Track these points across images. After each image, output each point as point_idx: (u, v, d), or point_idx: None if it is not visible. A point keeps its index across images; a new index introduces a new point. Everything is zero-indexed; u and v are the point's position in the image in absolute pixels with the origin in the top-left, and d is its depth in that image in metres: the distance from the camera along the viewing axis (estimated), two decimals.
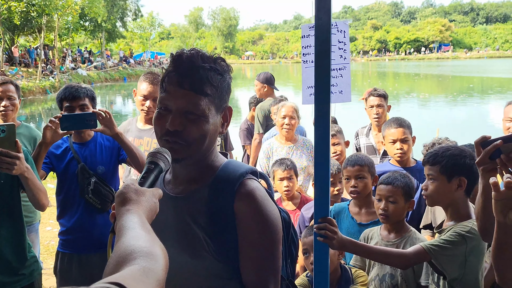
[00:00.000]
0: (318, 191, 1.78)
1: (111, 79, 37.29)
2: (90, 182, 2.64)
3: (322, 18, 1.61)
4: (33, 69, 29.66)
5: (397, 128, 3.09)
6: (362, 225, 2.59)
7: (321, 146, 1.74)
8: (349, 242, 1.88)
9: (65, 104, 2.65)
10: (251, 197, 1.28)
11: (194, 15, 77.74)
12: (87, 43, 54.27)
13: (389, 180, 2.34)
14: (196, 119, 1.25)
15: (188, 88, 1.25)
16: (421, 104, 21.93)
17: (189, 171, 1.34)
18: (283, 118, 3.84)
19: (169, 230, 1.31)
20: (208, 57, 1.31)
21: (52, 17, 29.52)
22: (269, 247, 1.29)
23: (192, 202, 1.31)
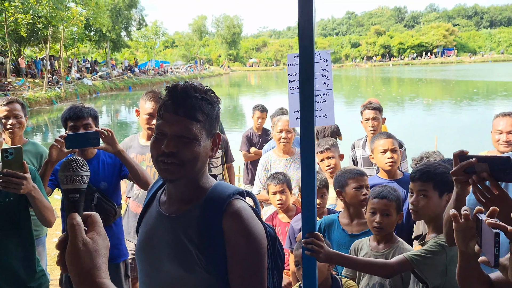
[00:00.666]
0: (305, 207, 1.91)
1: (116, 89, 37.61)
2: (93, 198, 2.77)
3: (306, 48, 1.74)
4: (39, 79, 29.99)
5: (387, 139, 3.23)
6: (353, 236, 2.67)
7: (307, 165, 1.87)
8: (335, 254, 1.99)
9: (69, 123, 2.78)
10: (237, 216, 1.41)
11: (198, 23, 78.20)
12: (92, 53, 54.80)
13: (383, 194, 2.43)
14: (189, 142, 1.40)
15: (182, 114, 1.40)
16: (425, 109, 22.00)
17: (181, 192, 1.48)
18: (280, 132, 3.94)
19: (164, 246, 1.45)
20: (199, 89, 1.46)
21: (57, 28, 29.85)
22: (254, 261, 1.42)
23: (185, 221, 1.44)
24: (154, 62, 55.50)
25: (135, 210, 3.30)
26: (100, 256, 0.99)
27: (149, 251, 1.50)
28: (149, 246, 1.50)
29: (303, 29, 1.74)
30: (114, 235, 2.90)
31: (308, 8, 1.73)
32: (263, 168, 4.03)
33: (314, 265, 1.94)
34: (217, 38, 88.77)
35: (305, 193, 1.89)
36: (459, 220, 1.34)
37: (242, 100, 30.63)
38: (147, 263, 1.52)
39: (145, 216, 1.59)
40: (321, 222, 2.83)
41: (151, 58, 56.98)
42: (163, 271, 1.45)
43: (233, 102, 29.88)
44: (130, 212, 3.37)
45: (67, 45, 35.44)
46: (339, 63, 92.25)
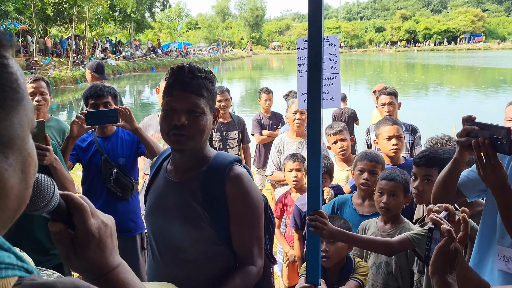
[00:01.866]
0: (311, 186, 1.99)
1: (139, 69, 37.98)
2: (112, 172, 2.91)
3: (314, 34, 1.80)
4: (64, 59, 30.53)
5: (392, 125, 3.27)
6: (364, 216, 2.75)
7: (313, 147, 1.94)
8: (338, 232, 2.08)
9: (90, 101, 2.92)
10: (239, 179, 1.61)
11: (221, 5, 77.88)
12: (116, 34, 55.22)
13: (391, 176, 2.51)
14: (198, 116, 1.57)
15: (190, 91, 1.57)
16: (448, 96, 21.62)
17: (187, 160, 1.66)
18: (294, 113, 4.00)
19: (173, 208, 1.64)
20: (201, 69, 1.64)
21: (83, 8, 30.20)
22: (253, 219, 1.64)
23: (191, 185, 1.63)
24: (177, 43, 55.67)
25: None
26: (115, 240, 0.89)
27: (159, 214, 1.67)
28: (159, 209, 1.68)
29: (312, 15, 1.80)
30: (131, 209, 3.04)
31: None
32: (276, 150, 4.11)
33: (318, 241, 2.03)
34: (240, 20, 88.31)
35: (311, 173, 1.97)
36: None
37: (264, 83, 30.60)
38: (157, 225, 1.69)
39: (153, 185, 1.76)
40: (335, 200, 2.92)
41: (174, 39, 57.12)
42: (172, 230, 1.62)
43: (255, 85, 29.86)
44: None
45: (92, 25, 35.81)
46: (363, 48, 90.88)
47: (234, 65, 55.61)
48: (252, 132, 5.62)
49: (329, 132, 3.61)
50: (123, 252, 3.18)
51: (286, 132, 4.23)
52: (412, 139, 4.05)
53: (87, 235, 0.81)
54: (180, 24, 58.98)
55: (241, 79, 35.27)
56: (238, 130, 4.87)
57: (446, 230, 1.24)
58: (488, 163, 1.56)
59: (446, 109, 16.42)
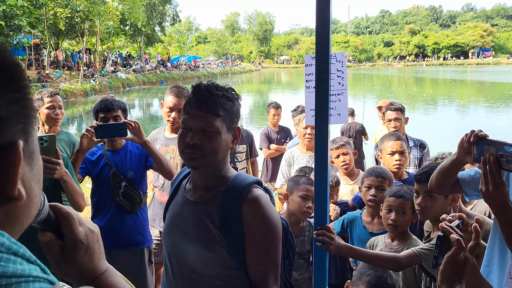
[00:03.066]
0: (318, 201, 2.00)
1: (149, 82, 38.32)
2: (121, 186, 2.93)
3: (322, 51, 1.83)
4: (75, 72, 30.93)
5: (396, 141, 3.27)
6: (374, 234, 2.74)
7: (320, 161, 1.96)
8: (345, 246, 2.08)
9: (100, 115, 2.95)
10: (256, 202, 1.56)
11: (231, 19, 78.69)
12: (126, 47, 55.87)
13: (400, 193, 2.50)
14: (211, 135, 1.54)
15: (205, 110, 1.55)
16: (456, 111, 21.53)
17: (205, 180, 1.64)
18: (305, 128, 4.03)
19: (189, 228, 1.61)
20: (221, 87, 1.61)
21: (94, 22, 30.65)
22: (269, 242, 1.57)
23: (208, 206, 1.60)
24: (186, 57, 56.16)
25: (161, 198, 3.46)
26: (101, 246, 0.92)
27: (175, 233, 1.66)
28: (175, 228, 1.66)
29: (320, 33, 1.83)
30: (139, 222, 3.06)
31: (325, 13, 1.82)
32: (286, 163, 4.13)
33: (325, 256, 2.04)
34: (249, 34, 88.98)
35: (318, 188, 1.99)
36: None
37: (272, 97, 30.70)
38: (172, 243, 1.67)
39: (172, 203, 1.74)
40: (345, 218, 2.92)
41: (183, 53, 57.68)
42: (187, 250, 1.60)
43: (263, 98, 29.98)
44: (156, 200, 3.53)
45: (102, 38, 36.28)
46: (371, 62, 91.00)
47: (242, 79, 55.90)
48: (260, 146, 5.65)
49: (332, 146, 3.63)
50: (131, 265, 3.19)
51: (297, 145, 4.24)
52: (421, 154, 4.04)
53: (75, 242, 0.84)
54: (190, 38, 59.51)
55: (249, 92, 35.42)
56: (246, 144, 4.89)
57: (455, 239, 1.24)
58: (492, 179, 1.56)
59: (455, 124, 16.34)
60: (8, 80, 0.57)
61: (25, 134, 0.60)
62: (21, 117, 0.58)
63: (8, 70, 0.57)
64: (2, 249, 0.54)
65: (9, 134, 0.56)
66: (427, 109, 22.21)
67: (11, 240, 0.56)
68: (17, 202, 0.60)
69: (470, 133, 1.78)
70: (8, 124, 0.56)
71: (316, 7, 1.82)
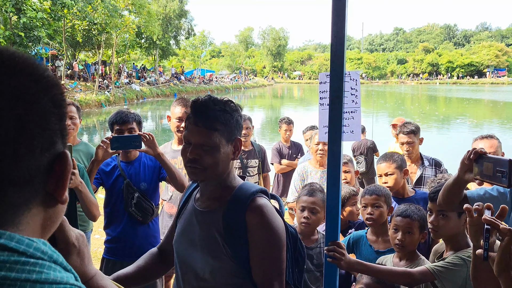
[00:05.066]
0: (329, 217, 2.01)
1: (162, 95, 38.70)
2: (133, 197, 2.97)
3: (337, 69, 1.86)
4: (90, 83, 31.36)
5: (381, 163, 3.31)
6: (380, 252, 2.73)
7: (332, 178, 1.97)
8: (356, 262, 2.08)
9: (115, 127, 3.00)
10: (259, 210, 1.59)
11: (244, 34, 79.43)
12: (141, 60, 56.62)
13: (407, 213, 2.48)
14: (209, 149, 1.59)
15: (201, 126, 1.59)
16: (469, 130, 21.35)
17: (211, 190, 1.68)
18: (317, 144, 4.07)
19: (197, 237, 1.66)
20: (218, 101, 1.65)
21: (111, 34, 31.20)
22: (273, 252, 1.60)
23: (214, 215, 1.63)
24: (200, 70, 56.69)
25: (169, 211, 3.49)
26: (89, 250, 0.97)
27: (184, 241, 1.70)
28: (184, 237, 1.71)
29: (335, 51, 1.86)
30: (151, 233, 3.08)
31: (340, 31, 1.85)
32: (300, 178, 4.15)
33: (336, 272, 2.04)
34: (263, 49, 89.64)
35: (330, 205, 2.00)
36: (472, 215, 1.42)
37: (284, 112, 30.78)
38: (181, 252, 1.71)
39: (182, 211, 1.80)
40: (350, 237, 2.91)
41: (197, 66, 58.22)
42: (195, 259, 1.64)
43: (275, 113, 30.06)
44: (165, 212, 3.57)
45: (118, 51, 36.87)
46: (384, 79, 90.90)
47: (255, 93, 56.18)
48: (271, 161, 5.66)
49: None
50: None
51: (309, 160, 4.27)
52: (435, 174, 3.99)
53: (68, 245, 0.89)
54: (204, 51, 60.12)
55: (261, 107, 35.56)
56: (258, 159, 4.91)
57: (507, 230, 1.26)
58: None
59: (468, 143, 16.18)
60: (57, 99, 0.63)
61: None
62: (64, 131, 0.65)
63: (56, 88, 0.64)
64: (45, 257, 0.58)
65: (61, 146, 0.63)
66: (440, 128, 22.07)
67: (51, 249, 0.61)
68: (58, 206, 0.66)
69: (471, 150, 1.81)
70: (60, 137, 0.63)
71: (331, 25, 1.85)
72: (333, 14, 1.86)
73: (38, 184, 0.60)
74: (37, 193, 0.61)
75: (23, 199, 0.59)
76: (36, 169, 0.59)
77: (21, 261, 0.55)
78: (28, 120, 0.58)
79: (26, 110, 0.58)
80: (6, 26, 21.75)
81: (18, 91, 0.58)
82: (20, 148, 0.57)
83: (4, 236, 0.55)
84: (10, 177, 0.57)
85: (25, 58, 0.61)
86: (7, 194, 0.57)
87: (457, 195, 2.02)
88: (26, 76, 0.59)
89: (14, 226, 0.59)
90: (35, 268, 0.56)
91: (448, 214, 2.20)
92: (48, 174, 0.61)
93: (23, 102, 0.58)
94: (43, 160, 0.60)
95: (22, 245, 0.56)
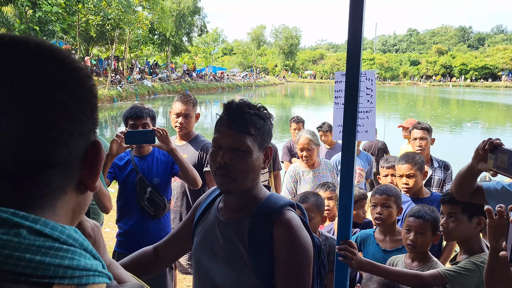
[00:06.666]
0: (341, 216, 2.01)
1: (174, 91, 38.82)
2: (146, 191, 2.99)
3: (353, 67, 1.86)
4: (103, 78, 31.59)
5: (403, 164, 3.30)
6: (387, 251, 2.75)
7: (345, 177, 1.97)
8: (367, 262, 2.08)
9: (129, 122, 3.03)
10: (288, 225, 1.51)
11: (257, 32, 79.21)
12: (154, 56, 56.85)
13: (419, 214, 2.48)
14: (242, 154, 1.51)
15: (235, 128, 1.52)
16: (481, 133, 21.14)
17: (236, 201, 1.60)
18: (301, 150, 4.04)
19: (219, 248, 1.59)
20: (253, 105, 1.59)
21: (124, 30, 31.37)
22: (299, 268, 1.51)
23: (239, 227, 1.56)
24: (211, 67, 56.77)
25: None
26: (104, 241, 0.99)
27: (204, 251, 1.63)
28: (205, 247, 1.63)
29: (352, 50, 1.86)
30: (162, 228, 3.11)
31: (357, 31, 1.85)
32: (292, 179, 4.10)
33: (346, 271, 2.04)
34: (275, 48, 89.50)
35: (342, 204, 2.00)
36: (493, 216, 1.41)
37: (295, 111, 30.74)
38: (202, 262, 1.64)
39: (203, 220, 1.71)
40: (358, 235, 2.92)
41: (209, 63, 58.31)
42: (215, 270, 1.58)
43: (286, 112, 30.04)
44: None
45: (131, 46, 37.09)
46: (397, 80, 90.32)
47: (266, 92, 56.13)
48: (282, 159, 5.67)
49: (383, 165, 3.74)
50: None
51: (299, 161, 4.20)
52: (444, 176, 4.01)
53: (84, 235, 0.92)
54: (216, 49, 60.18)
55: (272, 105, 35.55)
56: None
57: None
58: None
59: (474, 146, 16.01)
60: (92, 89, 0.67)
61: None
62: (96, 121, 0.67)
63: (91, 80, 0.67)
64: (76, 244, 0.60)
65: (94, 135, 0.66)
66: (452, 130, 21.89)
67: (82, 236, 0.63)
68: (88, 193, 0.68)
69: (487, 140, 1.80)
70: (94, 126, 0.66)
71: (348, 25, 1.85)
72: (351, 12, 1.86)
73: (75, 169, 0.63)
74: (73, 178, 0.63)
75: (61, 183, 0.61)
76: (75, 155, 0.62)
77: (55, 247, 0.57)
78: (72, 107, 0.61)
79: (71, 97, 0.61)
80: (22, 19, 21.98)
81: (63, 80, 0.61)
82: (64, 133, 0.59)
83: (39, 222, 0.57)
84: (52, 161, 0.59)
85: (63, 50, 0.65)
86: (49, 177, 0.59)
87: (469, 184, 2.01)
88: (67, 67, 0.62)
89: (52, 209, 0.61)
90: (67, 254, 0.58)
91: (458, 217, 2.19)
92: (83, 161, 0.64)
93: (68, 89, 0.61)
94: (81, 146, 0.63)
95: (56, 232, 0.58)
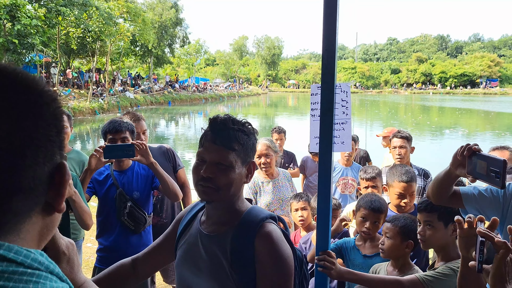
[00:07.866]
0: (320, 227, 2.03)
1: (156, 103, 38.70)
2: (126, 206, 2.97)
3: (327, 81, 1.89)
4: (84, 90, 31.31)
5: (409, 183, 3.19)
6: (367, 257, 2.78)
7: (323, 187, 2.00)
8: (346, 272, 2.10)
9: (108, 136, 3.00)
10: (269, 237, 1.54)
11: (239, 43, 79.61)
12: (136, 67, 56.61)
13: (391, 219, 2.60)
14: (225, 169, 1.54)
15: (219, 144, 1.55)
16: (462, 140, 21.50)
17: (219, 214, 1.62)
18: (259, 157, 3.88)
19: (201, 261, 1.60)
20: (237, 121, 1.62)
21: (105, 42, 31.20)
22: (281, 280, 1.53)
23: (221, 240, 1.57)
24: (194, 78, 56.73)
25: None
26: (79, 259, 0.99)
27: (188, 265, 1.63)
28: (188, 260, 1.64)
29: (326, 64, 1.89)
30: (143, 242, 3.08)
31: (331, 45, 1.88)
32: (252, 191, 3.95)
33: (326, 281, 2.06)
34: (257, 58, 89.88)
35: (321, 215, 2.02)
36: (463, 226, 1.43)
37: (278, 120, 30.89)
38: (184, 276, 1.65)
39: (186, 234, 1.72)
40: (336, 243, 2.94)
41: (191, 74, 58.27)
42: (199, 283, 1.58)
43: (269, 122, 30.15)
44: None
45: (113, 58, 36.86)
46: (378, 89, 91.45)
47: (249, 102, 56.28)
48: None
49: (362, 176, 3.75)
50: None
51: (258, 171, 3.99)
52: (424, 184, 4.07)
53: (58, 253, 0.91)
54: (198, 60, 60.19)
55: (255, 115, 35.65)
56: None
57: (502, 242, 1.26)
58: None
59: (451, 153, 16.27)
60: (57, 112, 0.67)
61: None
62: (62, 142, 0.68)
63: (56, 102, 0.67)
64: (42, 268, 0.60)
65: (59, 157, 0.66)
66: (432, 137, 22.22)
67: (48, 259, 0.63)
68: (55, 215, 0.68)
69: (465, 146, 1.82)
70: (59, 149, 0.66)
71: (322, 39, 1.88)
72: (324, 28, 1.89)
73: (40, 193, 0.63)
74: (38, 202, 0.64)
75: (26, 208, 0.62)
76: (39, 179, 0.62)
77: (19, 272, 0.56)
78: (35, 133, 0.61)
79: (33, 123, 0.61)
80: (0, 33, 21.70)
81: (26, 106, 0.61)
82: (27, 159, 0.60)
83: (3, 247, 0.57)
84: (16, 187, 0.59)
85: (27, 74, 0.65)
86: (12, 204, 0.60)
87: (446, 189, 2.03)
88: (31, 92, 0.63)
89: (16, 234, 0.61)
90: (32, 278, 0.57)
91: (435, 224, 2.23)
92: (48, 184, 0.64)
93: (31, 115, 0.61)
94: (45, 171, 0.63)
95: (20, 256, 0.58)
